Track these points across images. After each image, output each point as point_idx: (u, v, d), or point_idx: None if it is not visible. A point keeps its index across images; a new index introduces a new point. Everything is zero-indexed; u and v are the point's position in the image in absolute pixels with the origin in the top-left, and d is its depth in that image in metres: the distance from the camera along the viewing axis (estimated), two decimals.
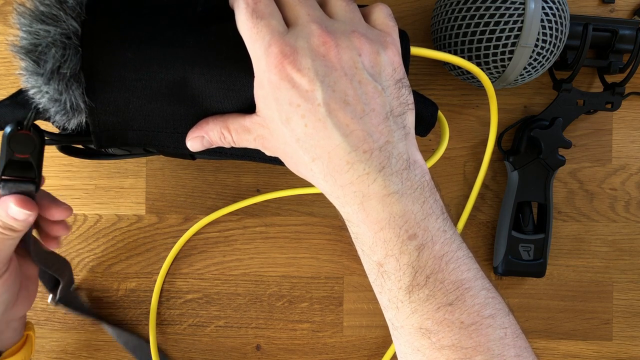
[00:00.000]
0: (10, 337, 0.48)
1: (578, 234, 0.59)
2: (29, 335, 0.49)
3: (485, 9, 0.47)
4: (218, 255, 0.60)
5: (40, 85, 0.36)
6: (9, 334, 0.47)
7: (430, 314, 0.36)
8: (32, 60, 0.36)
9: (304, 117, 0.35)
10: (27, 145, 0.40)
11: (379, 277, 0.37)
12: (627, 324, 0.60)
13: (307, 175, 0.38)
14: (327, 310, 0.60)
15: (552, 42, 0.48)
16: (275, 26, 0.35)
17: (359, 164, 0.35)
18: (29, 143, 0.40)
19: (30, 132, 0.40)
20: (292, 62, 0.34)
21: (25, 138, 0.40)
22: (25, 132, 0.39)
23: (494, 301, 0.37)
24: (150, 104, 0.39)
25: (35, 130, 0.40)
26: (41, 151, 0.41)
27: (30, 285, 0.48)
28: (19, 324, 0.49)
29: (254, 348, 0.60)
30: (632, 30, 0.53)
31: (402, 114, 0.37)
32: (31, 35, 0.36)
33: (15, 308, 0.46)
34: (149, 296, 0.59)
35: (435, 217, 0.36)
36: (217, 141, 0.40)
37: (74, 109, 0.37)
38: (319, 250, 0.60)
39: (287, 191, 0.57)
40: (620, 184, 0.59)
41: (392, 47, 0.37)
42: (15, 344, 0.47)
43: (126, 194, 0.59)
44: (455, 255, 0.36)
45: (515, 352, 0.37)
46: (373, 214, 0.36)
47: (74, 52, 0.36)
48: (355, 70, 0.35)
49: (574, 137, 0.58)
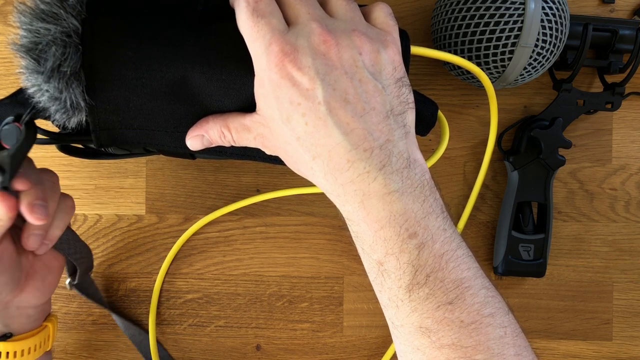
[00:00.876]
0: (24, 324, 0.47)
1: (578, 234, 0.59)
2: (46, 326, 0.49)
3: (485, 9, 0.47)
4: (218, 255, 0.60)
5: (40, 83, 0.36)
6: (22, 320, 0.47)
7: (430, 313, 0.36)
8: (33, 59, 0.36)
9: (305, 116, 0.35)
10: (11, 138, 0.39)
11: (379, 276, 0.37)
12: (627, 324, 0.60)
13: (308, 173, 0.38)
14: (327, 310, 0.60)
15: (552, 42, 0.48)
16: (275, 25, 0.35)
17: (359, 162, 0.35)
18: (12, 136, 0.39)
19: (21, 126, 0.39)
20: (293, 61, 0.34)
21: (12, 130, 0.39)
22: (17, 124, 0.39)
23: (493, 300, 0.37)
24: (150, 102, 0.39)
25: (27, 127, 0.39)
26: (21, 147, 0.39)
27: (48, 275, 0.47)
28: (35, 313, 0.48)
29: (254, 348, 0.60)
30: (632, 30, 0.53)
31: (402, 113, 0.37)
32: (31, 33, 0.36)
33: (25, 294, 0.46)
34: (149, 296, 0.59)
35: (435, 216, 0.36)
36: (217, 140, 0.40)
37: (74, 108, 0.37)
38: (319, 250, 0.60)
39: (287, 191, 0.57)
40: (620, 184, 0.59)
41: (392, 45, 0.37)
42: (30, 331, 0.47)
43: (126, 194, 0.59)
44: (455, 254, 0.36)
45: (515, 351, 0.37)
46: (373, 212, 0.36)
47: (74, 51, 0.36)
48: (355, 68, 0.35)
49: (574, 137, 0.58)
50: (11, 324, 0.46)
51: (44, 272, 0.47)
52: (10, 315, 0.46)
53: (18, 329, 0.46)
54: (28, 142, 0.40)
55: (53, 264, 0.48)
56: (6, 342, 0.45)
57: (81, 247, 0.52)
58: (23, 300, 0.46)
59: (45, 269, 0.47)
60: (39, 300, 0.47)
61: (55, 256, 0.48)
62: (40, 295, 0.47)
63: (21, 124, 0.39)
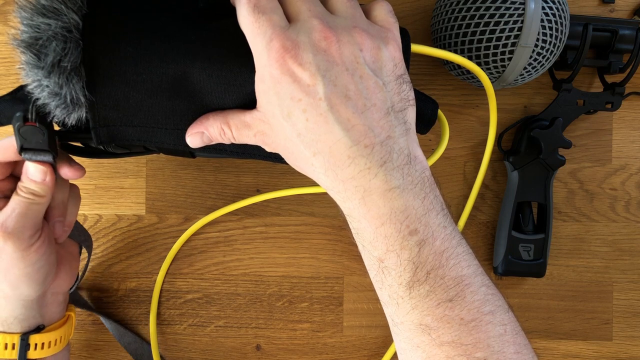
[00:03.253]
0: (55, 312, 0.50)
1: (578, 234, 0.59)
2: (70, 316, 0.52)
3: (485, 9, 0.47)
4: (218, 255, 0.60)
5: (40, 78, 0.36)
6: (54, 308, 0.49)
7: (430, 310, 0.36)
8: (33, 54, 0.36)
9: (305, 112, 0.35)
10: (37, 136, 0.40)
11: (380, 273, 0.37)
12: (627, 324, 0.60)
13: (308, 170, 0.38)
14: (327, 310, 0.60)
15: (552, 42, 0.48)
16: (276, 21, 0.35)
17: (360, 158, 0.35)
18: (38, 134, 0.40)
19: (36, 124, 0.40)
20: (294, 57, 0.34)
21: (33, 131, 0.40)
22: (32, 124, 0.40)
23: (493, 298, 0.37)
24: (150, 99, 0.39)
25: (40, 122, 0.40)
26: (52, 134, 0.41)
27: (72, 260, 0.51)
28: (64, 299, 0.51)
29: (254, 348, 0.60)
30: (632, 30, 0.53)
31: (403, 110, 0.37)
32: (32, 28, 0.36)
33: (59, 280, 0.48)
34: (149, 296, 0.59)
35: (435, 213, 0.36)
36: (217, 137, 0.40)
37: (74, 103, 0.37)
38: (319, 250, 0.60)
39: (287, 191, 0.57)
40: (620, 184, 0.59)
41: (393, 42, 0.37)
42: (58, 321, 0.50)
43: (126, 194, 0.59)
44: (456, 252, 0.36)
45: (515, 349, 0.37)
46: (374, 209, 0.36)
47: (75, 46, 0.36)
48: (356, 65, 0.35)
49: (574, 137, 0.58)
50: (45, 313, 0.49)
51: (69, 258, 0.50)
52: (46, 303, 0.48)
53: (50, 318, 0.49)
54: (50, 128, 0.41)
55: (73, 249, 0.52)
56: (41, 334, 0.47)
57: (85, 232, 0.56)
58: (56, 286, 0.49)
59: (69, 255, 0.51)
60: (68, 285, 0.50)
61: (72, 242, 0.52)
62: (69, 279, 0.50)
63: (35, 122, 0.40)
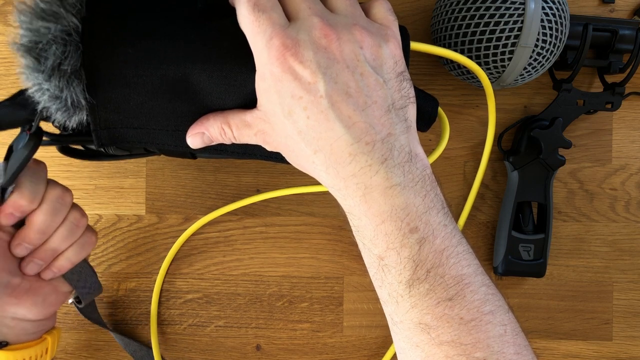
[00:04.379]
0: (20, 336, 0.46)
1: (578, 234, 0.59)
2: (45, 338, 0.48)
3: (485, 9, 0.47)
4: (218, 255, 0.60)
5: (40, 82, 0.36)
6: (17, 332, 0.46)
7: (430, 309, 0.36)
8: (33, 58, 0.36)
9: (306, 109, 0.35)
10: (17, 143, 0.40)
11: (380, 271, 0.37)
12: (627, 324, 0.60)
13: (309, 168, 0.38)
14: (327, 310, 0.60)
15: (552, 42, 0.48)
16: (276, 19, 0.35)
17: (361, 155, 0.35)
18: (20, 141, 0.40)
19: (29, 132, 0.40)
20: (294, 54, 0.34)
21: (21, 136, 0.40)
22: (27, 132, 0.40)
23: (493, 297, 0.37)
24: (150, 100, 0.39)
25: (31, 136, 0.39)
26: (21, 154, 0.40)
27: (51, 295, 0.47)
28: (33, 327, 0.47)
29: (254, 348, 0.60)
30: (632, 30, 0.53)
31: (403, 107, 0.37)
32: (32, 32, 0.36)
33: (20, 308, 0.45)
34: (149, 296, 0.59)
35: (436, 211, 0.36)
36: (217, 137, 0.40)
37: (75, 106, 0.37)
38: (319, 250, 0.59)
39: (287, 191, 0.57)
40: (620, 184, 0.59)
41: (393, 40, 0.37)
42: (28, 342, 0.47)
43: (126, 194, 0.59)
44: (456, 250, 0.36)
45: (515, 349, 0.37)
46: (375, 206, 0.36)
47: (75, 49, 0.36)
48: (357, 62, 0.35)
49: (574, 137, 0.58)
50: (7, 333, 0.45)
51: (48, 291, 0.47)
52: (5, 324, 0.45)
53: (14, 340, 0.46)
54: (28, 150, 0.40)
55: (61, 288, 0.48)
56: (1, 350, 0.44)
57: (92, 283, 0.51)
58: (18, 312, 0.45)
59: (50, 289, 0.47)
60: (35, 316, 0.46)
61: (65, 283, 0.48)
62: (37, 312, 0.46)
63: (30, 131, 0.39)
